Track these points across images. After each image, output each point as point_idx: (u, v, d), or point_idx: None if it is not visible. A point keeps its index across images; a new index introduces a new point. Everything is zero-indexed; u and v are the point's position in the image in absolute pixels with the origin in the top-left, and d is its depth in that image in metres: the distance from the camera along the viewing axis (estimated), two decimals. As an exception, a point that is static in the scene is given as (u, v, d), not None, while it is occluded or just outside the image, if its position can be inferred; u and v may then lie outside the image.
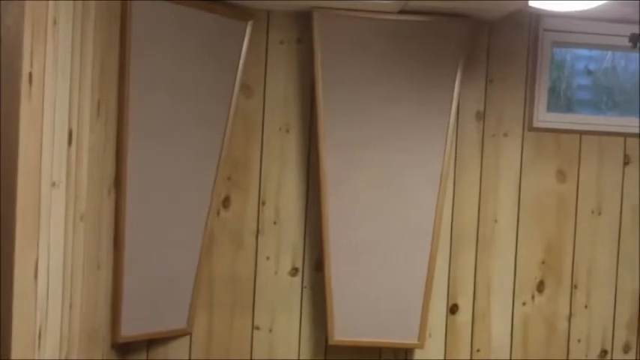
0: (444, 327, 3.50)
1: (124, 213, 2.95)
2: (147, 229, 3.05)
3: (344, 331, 3.33)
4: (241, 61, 3.26)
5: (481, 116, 3.49)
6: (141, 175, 2.98)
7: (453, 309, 3.50)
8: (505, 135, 3.50)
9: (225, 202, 3.38)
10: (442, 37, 3.27)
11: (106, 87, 2.72)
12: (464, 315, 3.51)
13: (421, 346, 3.38)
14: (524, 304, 3.53)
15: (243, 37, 3.25)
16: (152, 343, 3.33)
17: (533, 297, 3.53)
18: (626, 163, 3.57)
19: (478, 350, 3.51)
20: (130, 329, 3.07)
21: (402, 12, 3.21)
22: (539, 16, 3.42)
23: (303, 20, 3.33)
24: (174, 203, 3.15)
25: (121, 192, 2.93)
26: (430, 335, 3.46)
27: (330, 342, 3.33)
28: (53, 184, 2.10)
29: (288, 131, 3.41)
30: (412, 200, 3.33)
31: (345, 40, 3.24)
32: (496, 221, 3.51)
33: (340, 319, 3.31)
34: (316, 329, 3.44)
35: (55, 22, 2.04)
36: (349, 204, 3.30)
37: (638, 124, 3.59)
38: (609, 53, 3.68)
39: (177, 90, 3.08)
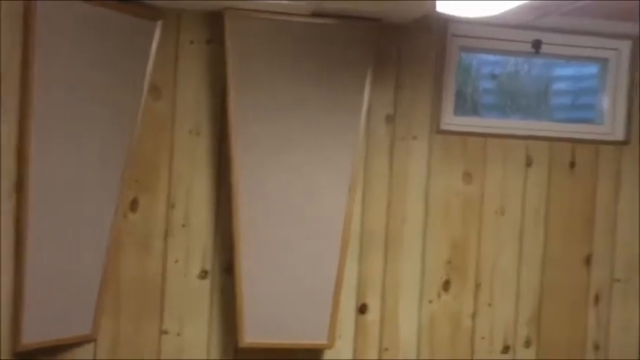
0: (353, 327, 3.53)
1: (26, 216, 2.84)
2: (50, 232, 2.95)
3: (254, 333, 3.31)
4: (150, 62, 3.18)
5: (391, 119, 3.53)
6: (44, 178, 2.88)
7: (362, 309, 3.54)
8: (414, 138, 3.56)
9: (133, 205, 3.30)
10: (353, 40, 3.29)
11: (8, 87, 2.62)
12: (373, 314, 3.55)
13: (330, 347, 3.41)
14: (430, 302, 3.60)
15: (153, 37, 3.18)
16: (56, 349, 3.22)
17: (439, 296, 3.61)
18: (528, 165, 3.69)
19: (386, 349, 3.56)
20: (32, 336, 2.96)
21: (313, 14, 3.20)
22: (447, 21, 3.48)
23: (215, 21, 3.27)
24: (79, 206, 3.05)
25: (23, 195, 2.82)
26: (340, 335, 3.49)
27: (240, 344, 3.31)
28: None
29: (198, 133, 3.35)
30: (323, 201, 3.34)
31: (257, 42, 3.21)
32: (404, 222, 3.57)
33: (250, 321, 3.30)
34: (226, 332, 3.41)
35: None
36: (260, 206, 3.28)
37: (539, 128, 3.71)
38: (513, 58, 3.79)
39: (83, 91, 2.98)
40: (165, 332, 3.36)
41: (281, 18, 3.20)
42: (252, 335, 3.31)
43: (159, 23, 3.19)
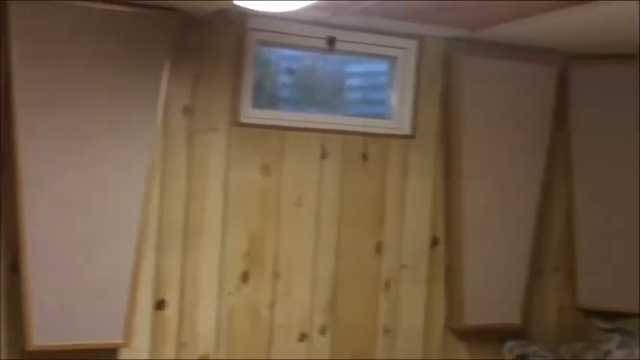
0: (150, 324, 3.46)
1: None
2: None
3: (43, 334, 3.14)
4: None
5: (189, 111, 3.48)
6: None
7: (159, 304, 3.48)
8: (213, 130, 3.53)
9: None
10: (150, 30, 3.19)
11: None
12: (171, 310, 3.49)
13: (126, 345, 3.32)
14: (229, 294, 3.61)
15: None
16: None
17: (238, 288, 3.63)
18: (323, 158, 3.79)
19: (185, 344, 3.52)
20: None
21: (107, 1, 3.07)
22: (245, 15, 3.48)
23: (-2, 5, 3.05)
24: None
25: None
26: (137, 333, 3.40)
27: (29, 348, 3.12)
28: None
29: (-22, 124, 3.11)
30: (118, 195, 3.23)
31: (47, 30, 3.01)
32: (203, 215, 3.54)
33: (39, 322, 3.12)
34: (13, 335, 3.20)
35: None
36: (50, 201, 3.11)
37: (334, 121, 3.82)
38: (311, 53, 3.87)
39: None
40: (-58, 340, 3.11)
41: (72, 4, 3.03)
42: (41, 337, 3.14)
43: None
